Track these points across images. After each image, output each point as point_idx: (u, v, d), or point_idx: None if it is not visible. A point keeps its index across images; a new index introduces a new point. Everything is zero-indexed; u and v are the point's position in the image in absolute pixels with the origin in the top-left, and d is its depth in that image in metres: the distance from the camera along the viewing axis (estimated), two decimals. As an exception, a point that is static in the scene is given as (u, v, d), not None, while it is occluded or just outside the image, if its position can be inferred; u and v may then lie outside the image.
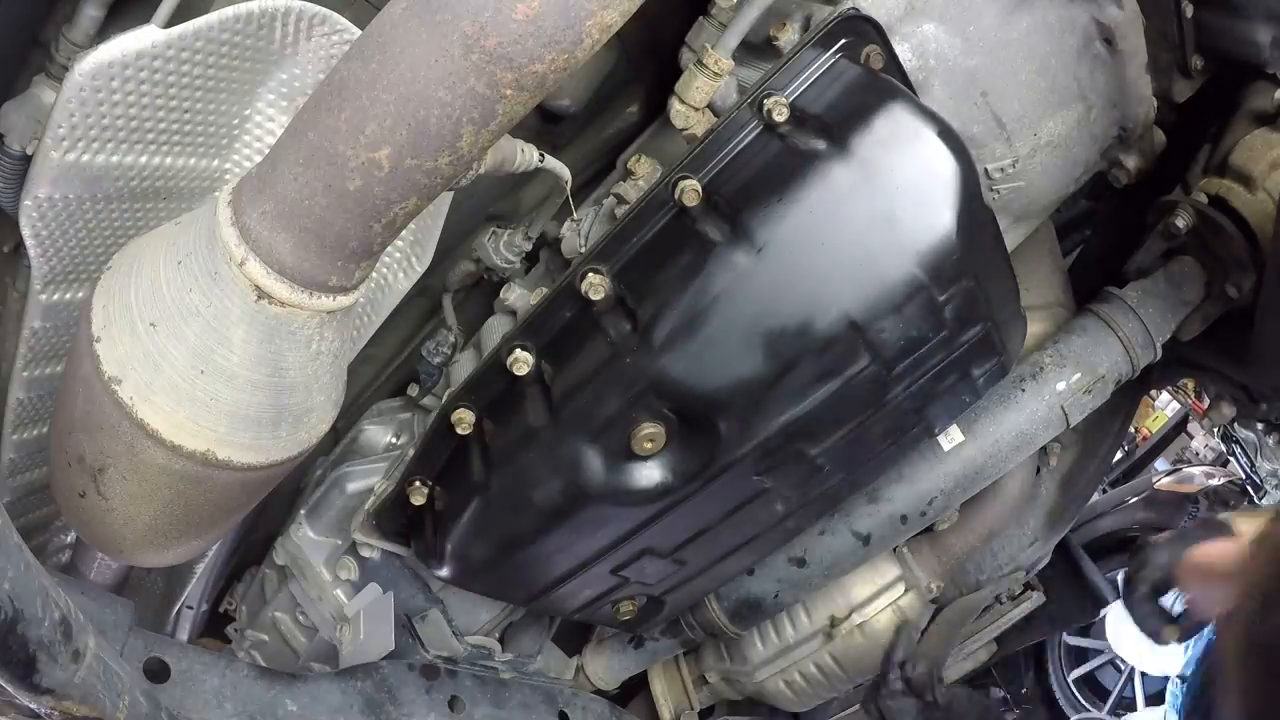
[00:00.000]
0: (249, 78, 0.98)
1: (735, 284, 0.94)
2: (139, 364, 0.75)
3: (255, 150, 1.05)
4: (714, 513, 1.11)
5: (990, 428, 1.27)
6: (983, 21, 1.05)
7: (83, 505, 0.86)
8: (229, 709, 1.03)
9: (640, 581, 1.21)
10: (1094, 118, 1.16)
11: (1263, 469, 2.64)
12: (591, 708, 1.42)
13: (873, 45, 0.98)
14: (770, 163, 0.95)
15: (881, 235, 0.93)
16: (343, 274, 0.76)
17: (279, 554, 1.38)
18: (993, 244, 1.03)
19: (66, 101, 0.85)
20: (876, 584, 1.48)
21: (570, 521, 1.07)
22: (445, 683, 1.25)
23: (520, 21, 0.63)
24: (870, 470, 1.16)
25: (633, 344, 0.97)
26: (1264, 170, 1.19)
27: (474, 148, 0.70)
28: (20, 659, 0.62)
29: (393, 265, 1.21)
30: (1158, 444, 4.38)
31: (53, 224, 0.95)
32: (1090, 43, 1.11)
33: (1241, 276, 1.22)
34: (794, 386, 0.98)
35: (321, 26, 0.96)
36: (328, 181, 0.69)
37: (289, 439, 0.83)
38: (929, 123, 0.94)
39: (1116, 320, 1.26)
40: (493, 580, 1.19)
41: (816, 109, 0.95)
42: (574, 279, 0.99)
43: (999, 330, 1.05)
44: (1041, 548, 1.61)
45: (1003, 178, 1.15)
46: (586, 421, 1.01)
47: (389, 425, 1.41)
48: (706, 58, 1.01)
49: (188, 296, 0.74)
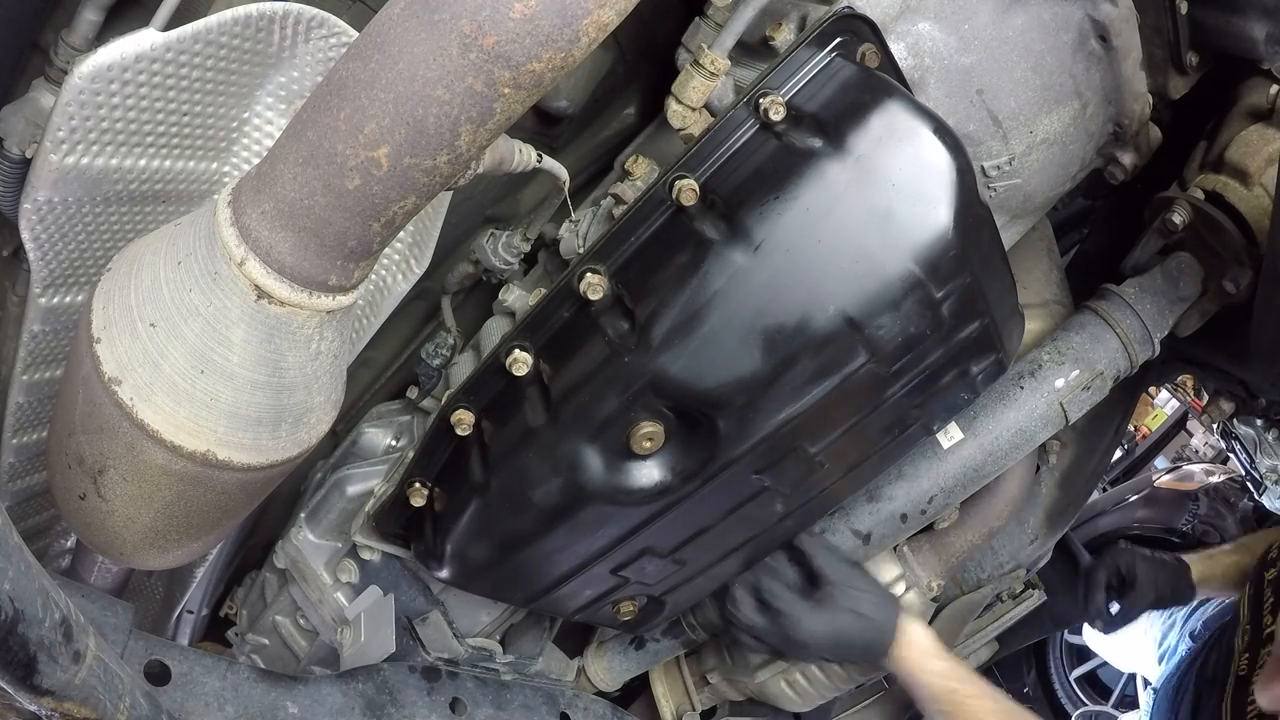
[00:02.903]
0: (247, 80, 0.98)
1: (733, 282, 0.94)
2: (139, 364, 0.75)
3: (254, 153, 1.05)
4: (714, 512, 1.11)
5: (989, 425, 1.27)
6: (977, 20, 1.05)
7: (83, 507, 0.86)
8: (230, 711, 1.03)
9: (640, 581, 1.21)
10: (1090, 114, 1.17)
11: (1262, 465, 2.65)
12: (593, 709, 1.41)
13: (868, 44, 0.98)
14: (767, 161, 0.95)
15: (878, 232, 0.93)
16: (342, 273, 0.76)
17: (279, 557, 1.38)
18: (989, 241, 1.03)
19: (65, 105, 0.85)
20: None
21: (570, 521, 1.07)
22: (446, 684, 1.25)
23: (517, 20, 0.64)
24: (869, 468, 1.16)
25: (631, 343, 0.97)
26: (1260, 166, 1.19)
27: (472, 146, 0.70)
28: (20, 660, 0.62)
29: (391, 267, 1.22)
30: (1157, 442, 4.39)
31: (52, 227, 0.95)
32: (1085, 40, 1.11)
33: (1239, 272, 1.22)
34: (792, 384, 0.98)
35: (320, 29, 0.96)
36: (327, 181, 0.69)
37: (289, 439, 0.83)
38: (925, 120, 0.94)
39: (1114, 317, 1.27)
40: (493, 581, 1.18)
41: (813, 107, 0.96)
42: (572, 279, 0.99)
43: (996, 327, 1.05)
44: (1042, 546, 1.62)
45: (999, 175, 1.16)
46: (585, 421, 1.01)
47: (388, 428, 1.41)
48: (703, 58, 1.01)
49: (187, 296, 0.74)
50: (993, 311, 1.03)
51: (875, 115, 0.93)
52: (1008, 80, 1.09)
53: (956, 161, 0.94)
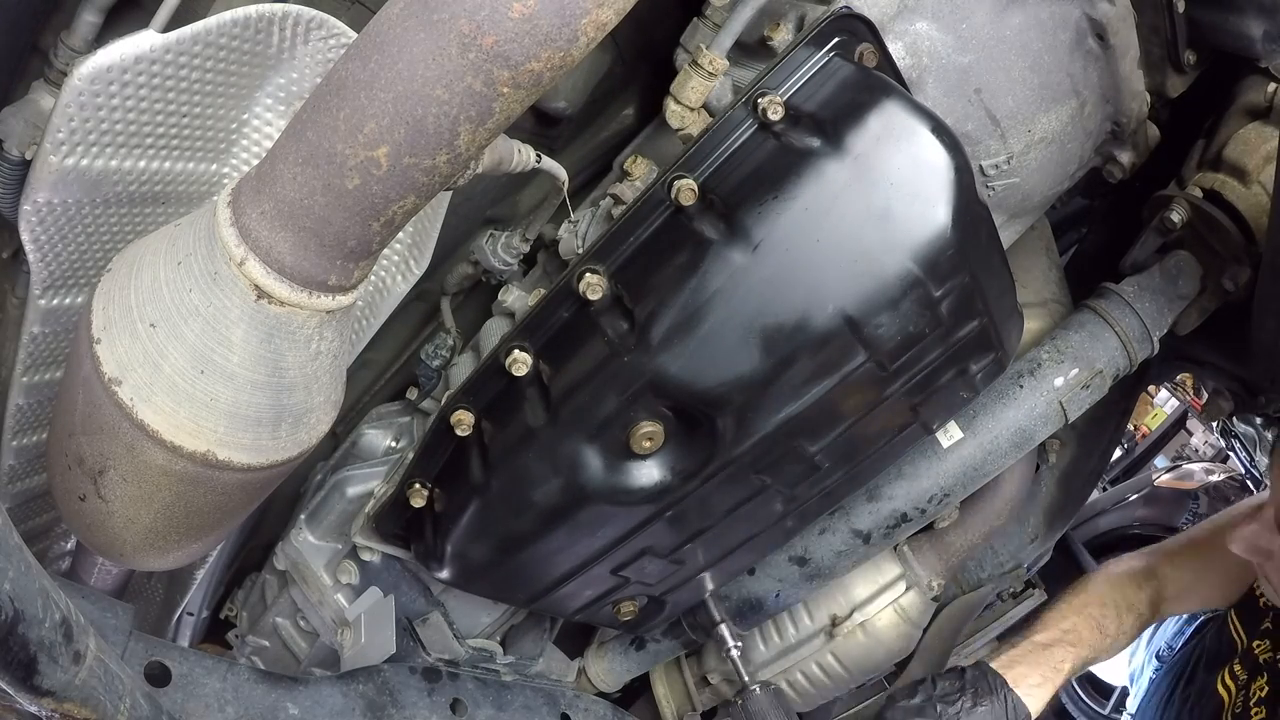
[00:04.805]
0: (247, 82, 0.98)
1: (731, 282, 0.94)
2: (139, 365, 0.75)
3: (253, 154, 1.05)
4: (713, 511, 1.11)
5: (989, 424, 1.27)
6: (975, 19, 1.05)
7: (83, 508, 0.86)
8: (230, 712, 1.03)
9: (641, 581, 1.21)
10: (1087, 113, 1.17)
11: (1262, 464, 2.65)
12: (594, 710, 1.41)
13: (866, 44, 0.98)
14: (765, 161, 0.95)
15: (877, 231, 0.93)
16: (342, 273, 0.76)
17: (279, 559, 1.38)
18: (988, 240, 1.03)
19: (65, 106, 0.85)
20: (878, 583, 1.48)
21: (570, 521, 1.07)
22: (447, 685, 1.25)
23: (516, 20, 0.64)
24: (869, 468, 1.16)
25: (630, 343, 0.97)
26: (1258, 164, 1.19)
27: (471, 146, 0.70)
28: (21, 660, 0.62)
29: (390, 268, 1.22)
30: (1157, 441, 4.39)
31: (52, 229, 0.95)
32: (1083, 39, 1.11)
33: (1237, 270, 1.22)
34: (791, 383, 0.98)
35: (319, 30, 0.96)
36: (326, 180, 0.70)
37: (289, 440, 0.83)
38: (923, 119, 0.94)
39: (1113, 315, 1.27)
40: (493, 582, 1.19)
41: (811, 107, 0.96)
42: (571, 279, 0.99)
43: (995, 326, 1.06)
44: (1041, 545, 1.62)
45: (997, 174, 1.16)
46: (585, 421, 1.01)
47: (388, 429, 1.41)
48: (701, 58, 1.02)
49: (187, 297, 0.74)
50: (991, 310, 1.03)
51: (873, 114, 0.93)
52: (1005, 79, 1.09)
53: (955, 160, 0.95)
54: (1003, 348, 1.09)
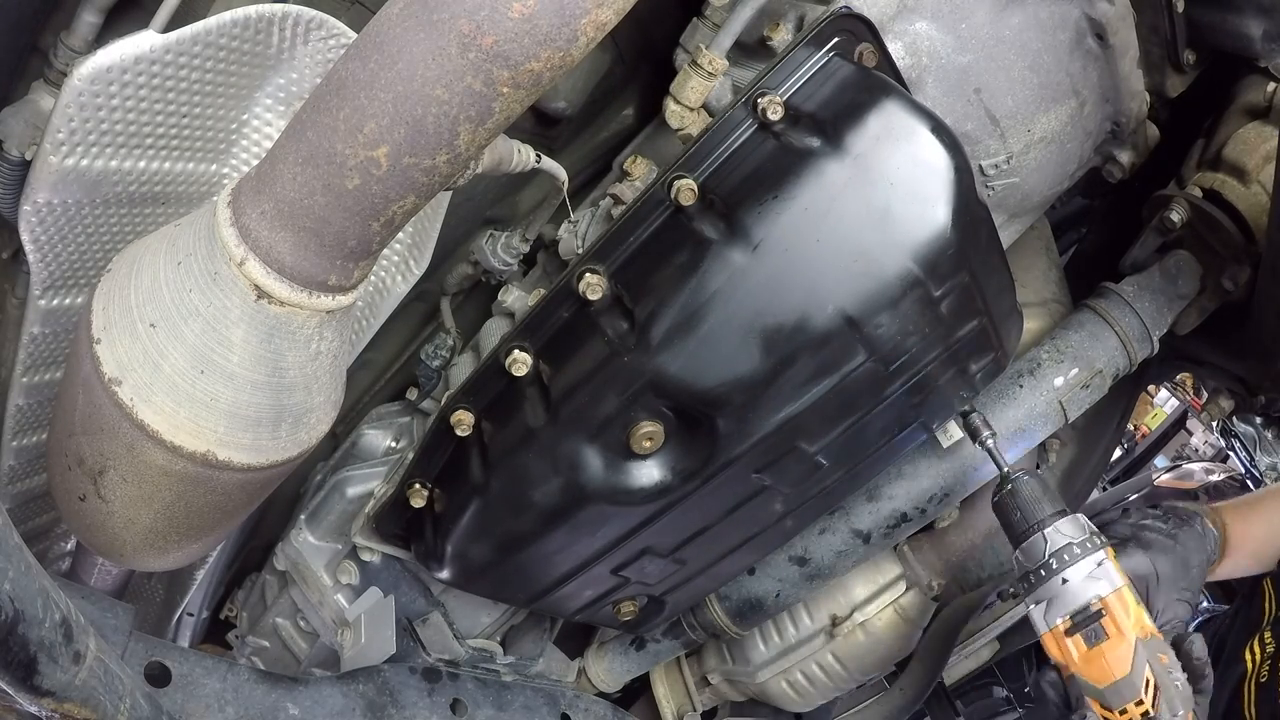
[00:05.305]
0: (246, 82, 0.98)
1: (731, 282, 0.94)
2: (139, 365, 0.75)
3: (253, 155, 1.05)
4: (713, 511, 1.11)
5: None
6: (975, 19, 1.05)
7: (83, 509, 0.86)
8: (230, 713, 1.03)
9: (641, 581, 1.21)
10: (1087, 113, 1.17)
11: (1262, 463, 2.65)
12: (594, 710, 1.41)
13: (866, 43, 0.98)
14: (765, 161, 0.95)
15: (877, 231, 0.93)
16: (342, 273, 0.76)
17: (279, 559, 1.38)
18: (988, 239, 1.03)
19: (65, 107, 0.85)
20: (878, 582, 1.48)
21: (570, 521, 1.07)
22: (447, 686, 1.25)
23: (516, 20, 0.64)
24: (869, 467, 1.16)
25: (630, 343, 0.97)
26: (1258, 163, 1.19)
27: (471, 146, 0.71)
28: (21, 660, 0.62)
29: (390, 269, 1.22)
30: (1157, 441, 4.39)
31: (52, 229, 0.95)
32: (1082, 38, 1.11)
33: (1237, 269, 1.22)
34: (791, 383, 0.98)
35: (318, 31, 0.96)
36: (326, 180, 0.70)
37: (289, 440, 0.83)
38: (923, 119, 0.94)
39: (1113, 315, 1.27)
40: (493, 582, 1.18)
41: (810, 107, 0.96)
42: (571, 279, 0.99)
43: (995, 325, 1.06)
44: (1042, 545, 1.61)
45: (997, 174, 1.16)
46: (585, 421, 1.01)
47: (388, 429, 1.41)
48: (701, 58, 1.02)
49: (187, 297, 0.74)
50: (991, 310, 1.03)
51: (873, 114, 0.93)
52: (1005, 79, 1.09)
53: (954, 160, 0.95)
54: (1002, 347, 1.09)
